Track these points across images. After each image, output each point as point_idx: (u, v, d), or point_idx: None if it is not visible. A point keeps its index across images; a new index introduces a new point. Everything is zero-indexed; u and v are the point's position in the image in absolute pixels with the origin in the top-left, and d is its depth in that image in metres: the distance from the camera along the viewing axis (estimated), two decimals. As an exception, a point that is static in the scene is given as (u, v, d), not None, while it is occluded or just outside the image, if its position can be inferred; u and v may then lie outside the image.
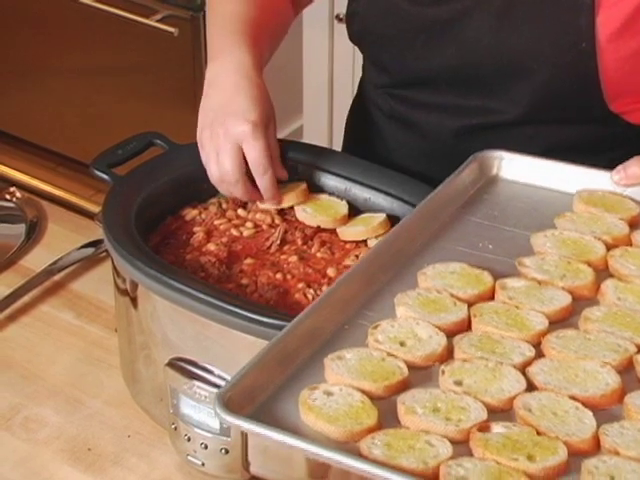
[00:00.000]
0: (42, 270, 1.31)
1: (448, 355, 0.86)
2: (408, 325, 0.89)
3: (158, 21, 2.46)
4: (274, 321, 0.92)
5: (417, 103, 1.23)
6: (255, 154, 1.07)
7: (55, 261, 1.33)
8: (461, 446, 0.77)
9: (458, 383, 0.83)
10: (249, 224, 1.12)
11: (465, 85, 1.18)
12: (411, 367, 0.84)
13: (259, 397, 0.81)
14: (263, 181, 1.09)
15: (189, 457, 1.03)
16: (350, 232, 1.10)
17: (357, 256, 1.07)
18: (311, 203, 1.13)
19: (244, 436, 0.99)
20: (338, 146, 1.43)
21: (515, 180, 1.11)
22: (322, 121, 2.48)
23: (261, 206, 1.13)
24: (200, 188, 1.15)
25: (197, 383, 0.99)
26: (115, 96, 2.71)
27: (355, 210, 1.13)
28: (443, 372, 0.84)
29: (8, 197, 1.47)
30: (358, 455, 0.76)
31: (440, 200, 1.04)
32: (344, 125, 1.43)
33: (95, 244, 1.36)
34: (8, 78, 2.93)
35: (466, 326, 0.90)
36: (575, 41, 1.09)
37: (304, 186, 1.14)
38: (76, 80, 2.77)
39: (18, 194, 1.47)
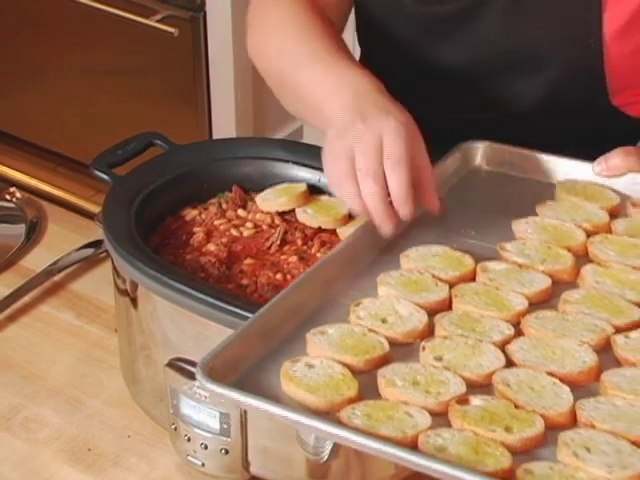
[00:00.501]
0: (42, 270, 1.31)
1: (429, 332, 0.89)
2: (389, 303, 0.91)
3: (158, 21, 2.46)
4: (274, 321, 0.92)
5: (422, 98, 1.23)
6: (392, 139, 0.93)
7: (55, 261, 1.33)
8: (440, 418, 0.79)
9: (438, 359, 0.85)
10: (249, 224, 1.12)
11: (472, 81, 1.18)
12: (392, 343, 0.87)
13: (241, 368, 0.83)
14: (394, 173, 0.93)
15: (189, 457, 1.03)
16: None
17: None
18: (312, 204, 1.13)
19: (244, 436, 0.99)
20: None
21: (498, 170, 1.13)
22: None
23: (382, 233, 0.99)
24: (200, 188, 1.15)
25: (197, 383, 0.98)
26: (115, 96, 2.71)
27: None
28: (424, 348, 0.86)
29: (8, 197, 1.47)
30: (336, 423, 0.77)
31: None
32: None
33: (95, 244, 1.36)
34: (8, 78, 2.93)
35: (447, 306, 0.92)
36: (583, 37, 1.10)
37: (304, 188, 1.13)
38: (76, 80, 2.77)
39: (18, 194, 1.47)
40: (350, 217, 1.12)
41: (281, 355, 0.85)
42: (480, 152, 1.13)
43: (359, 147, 0.93)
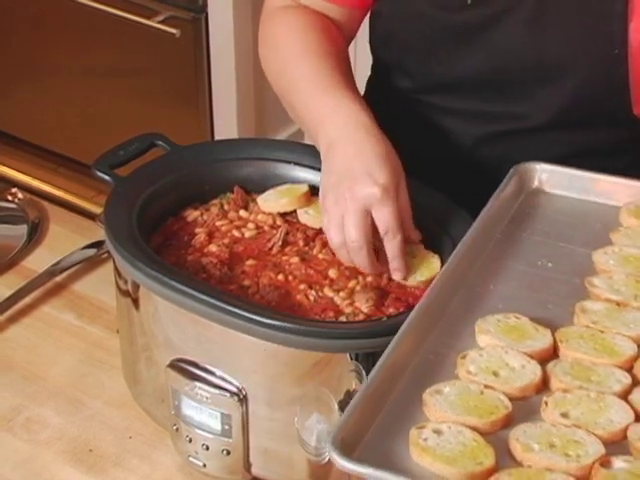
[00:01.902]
0: (44, 271, 1.32)
1: (543, 385, 0.86)
2: (497, 354, 0.88)
3: (160, 22, 2.46)
4: (276, 322, 0.92)
5: (439, 108, 1.23)
6: (384, 219, 0.99)
7: (57, 262, 1.33)
8: None
9: (564, 415, 0.82)
10: (251, 225, 1.12)
11: (491, 91, 1.17)
12: (508, 398, 0.84)
13: (365, 437, 0.81)
14: (391, 247, 1.01)
15: (190, 458, 1.03)
16: None
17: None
18: (313, 205, 1.13)
19: (245, 437, 0.99)
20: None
21: (556, 193, 1.10)
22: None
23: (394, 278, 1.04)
24: (202, 189, 1.15)
25: (198, 384, 0.98)
26: (117, 97, 2.71)
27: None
28: (546, 404, 0.84)
29: (10, 198, 1.47)
30: None
31: (490, 217, 1.04)
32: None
33: (97, 245, 1.36)
34: (10, 79, 2.93)
35: (553, 352, 0.89)
36: (607, 47, 1.09)
37: (305, 189, 1.13)
38: (78, 81, 2.77)
39: (20, 195, 1.47)
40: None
41: (401, 418, 0.83)
42: (537, 174, 1.11)
43: (347, 221, 1.00)
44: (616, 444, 0.81)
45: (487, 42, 1.14)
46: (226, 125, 2.55)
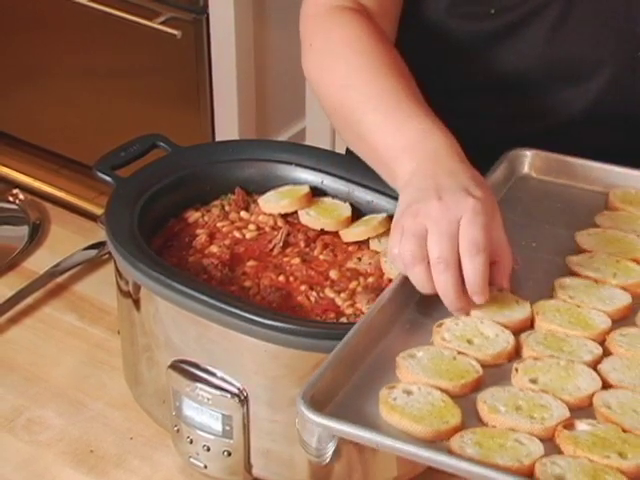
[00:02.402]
0: (45, 272, 1.32)
1: (516, 353, 0.88)
2: (472, 323, 0.90)
3: (161, 23, 2.46)
4: (277, 323, 0.92)
5: (460, 113, 1.22)
6: (473, 228, 0.85)
7: (58, 263, 1.33)
8: (547, 443, 0.79)
9: (533, 381, 0.85)
10: (252, 226, 1.12)
11: (513, 93, 1.17)
12: (481, 365, 0.86)
13: (336, 396, 0.83)
14: (472, 264, 0.85)
15: (191, 459, 1.03)
16: (352, 233, 1.09)
17: (359, 258, 1.07)
18: (314, 206, 1.13)
19: (246, 438, 0.99)
20: (341, 148, 1.42)
21: (546, 179, 1.12)
22: (324, 123, 2.48)
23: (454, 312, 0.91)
24: (203, 190, 1.15)
25: (199, 385, 0.98)
26: (118, 98, 2.71)
27: (358, 212, 1.13)
28: (517, 370, 0.86)
29: (11, 199, 1.47)
30: (449, 454, 0.77)
31: None
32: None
33: (98, 246, 1.36)
34: (11, 80, 2.93)
35: (530, 324, 0.91)
36: (631, 50, 1.10)
37: (306, 190, 1.13)
38: (79, 82, 2.78)
39: (21, 196, 1.47)
40: (352, 219, 1.12)
41: (373, 380, 0.85)
42: (528, 160, 1.13)
43: (433, 231, 0.86)
44: (582, 410, 0.83)
45: (511, 47, 1.14)
46: (227, 126, 2.55)
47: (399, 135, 0.95)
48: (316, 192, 1.15)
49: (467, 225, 0.86)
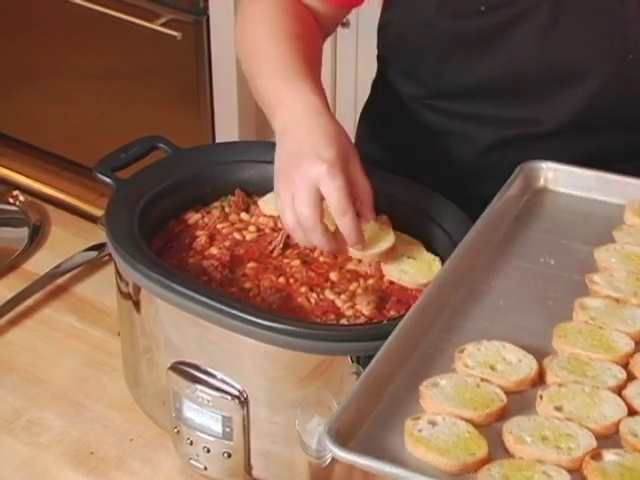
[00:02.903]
0: (45, 273, 1.32)
1: (539, 378, 0.87)
2: (494, 348, 0.89)
3: (161, 25, 2.46)
4: (277, 325, 0.92)
5: (453, 114, 1.22)
6: (333, 194, 0.97)
7: (58, 264, 1.33)
8: (575, 475, 0.78)
9: (558, 409, 0.83)
10: (252, 228, 1.12)
11: (505, 96, 1.17)
12: (504, 392, 0.85)
13: (361, 427, 0.82)
14: (343, 223, 0.99)
15: (191, 461, 1.03)
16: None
17: (360, 260, 1.07)
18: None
19: (246, 440, 0.99)
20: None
21: (562, 191, 1.11)
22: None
23: (351, 253, 1.05)
24: (203, 192, 1.15)
25: (200, 387, 0.98)
26: (118, 100, 2.71)
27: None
28: (541, 397, 0.84)
29: (11, 200, 1.47)
30: None
31: (494, 215, 1.04)
32: (347, 130, 1.42)
33: (98, 247, 1.36)
34: (11, 81, 2.93)
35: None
36: (622, 51, 1.09)
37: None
38: (80, 83, 2.78)
39: (21, 197, 1.47)
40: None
41: (397, 410, 0.84)
42: (543, 173, 1.11)
43: (298, 198, 0.98)
44: (608, 438, 0.82)
45: (502, 48, 1.13)
46: (227, 128, 2.55)
47: (277, 94, 1.07)
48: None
49: (327, 191, 0.97)
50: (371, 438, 0.81)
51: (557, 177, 1.11)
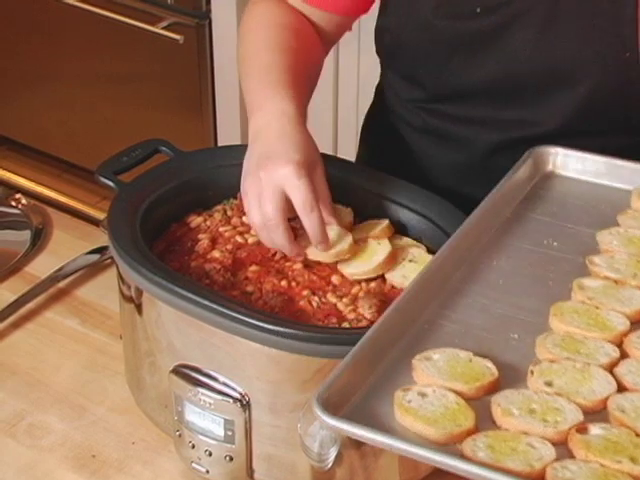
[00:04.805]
0: (47, 277, 1.32)
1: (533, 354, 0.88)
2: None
3: (164, 28, 2.46)
4: (279, 328, 0.92)
5: (453, 117, 1.23)
6: (299, 194, 1.01)
7: (60, 268, 1.33)
8: (559, 447, 0.79)
9: (548, 384, 0.84)
10: (254, 231, 1.12)
11: (504, 98, 1.18)
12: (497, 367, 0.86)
13: (352, 397, 0.82)
14: (309, 221, 1.02)
15: (193, 464, 1.03)
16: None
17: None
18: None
19: (248, 443, 0.99)
20: (343, 153, 1.43)
21: (570, 176, 1.12)
22: (326, 128, 2.49)
23: (310, 257, 1.06)
24: (205, 195, 1.15)
25: (201, 390, 0.98)
26: (120, 103, 2.71)
27: (360, 217, 1.13)
28: (532, 372, 0.85)
29: (14, 204, 1.47)
30: (461, 457, 0.77)
31: (501, 196, 1.05)
32: (349, 135, 1.42)
33: (100, 251, 1.36)
34: (14, 85, 2.94)
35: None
36: (619, 51, 1.10)
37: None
38: (82, 87, 2.78)
39: (24, 201, 1.48)
40: (354, 224, 1.12)
41: (389, 382, 0.84)
42: (552, 157, 1.12)
43: (263, 197, 1.02)
44: (596, 414, 0.82)
45: (499, 49, 1.14)
46: (229, 131, 2.55)
47: (256, 98, 1.11)
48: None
49: (292, 190, 1.01)
50: (361, 408, 0.82)
51: (566, 162, 1.12)
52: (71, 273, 1.33)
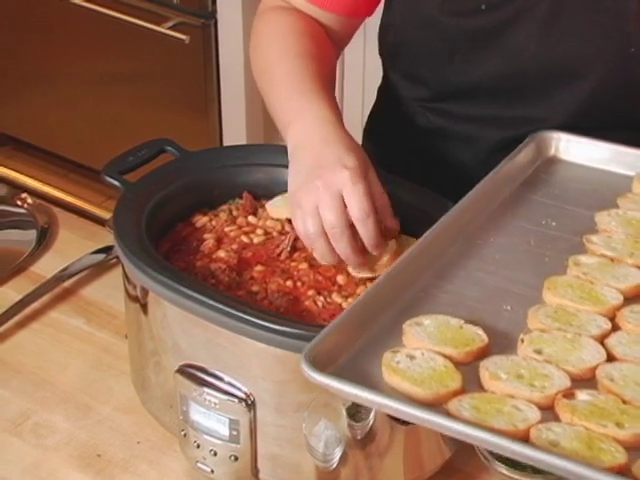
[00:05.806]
0: (52, 276, 1.32)
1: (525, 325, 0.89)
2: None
3: (169, 28, 2.47)
4: (284, 328, 0.92)
5: (456, 116, 1.23)
6: (356, 198, 0.98)
7: (66, 267, 1.33)
8: (546, 412, 0.79)
9: (538, 352, 0.85)
10: (259, 231, 1.12)
11: (507, 95, 1.18)
12: (489, 335, 0.87)
13: (340, 358, 0.83)
14: (365, 226, 0.99)
15: (198, 464, 1.03)
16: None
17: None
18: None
19: (253, 443, 0.99)
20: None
21: (572, 161, 1.13)
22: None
23: (352, 272, 1.04)
24: (211, 195, 1.15)
25: (207, 390, 0.98)
26: (126, 103, 2.72)
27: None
28: (522, 340, 0.86)
29: (19, 203, 1.48)
30: (447, 416, 0.78)
31: (500, 178, 1.06)
32: (355, 135, 1.42)
33: (106, 250, 1.36)
34: (20, 85, 2.94)
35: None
36: (623, 47, 1.10)
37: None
38: (88, 87, 2.78)
39: (29, 200, 1.48)
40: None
41: (378, 345, 0.85)
42: (555, 142, 1.13)
43: (322, 206, 0.99)
44: (585, 382, 0.82)
45: (502, 45, 1.14)
46: (235, 131, 2.55)
47: (288, 108, 1.09)
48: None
49: (350, 196, 0.98)
50: (348, 368, 0.82)
51: (568, 147, 1.13)
52: (76, 273, 1.33)
